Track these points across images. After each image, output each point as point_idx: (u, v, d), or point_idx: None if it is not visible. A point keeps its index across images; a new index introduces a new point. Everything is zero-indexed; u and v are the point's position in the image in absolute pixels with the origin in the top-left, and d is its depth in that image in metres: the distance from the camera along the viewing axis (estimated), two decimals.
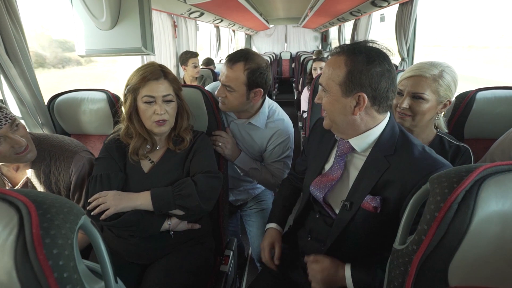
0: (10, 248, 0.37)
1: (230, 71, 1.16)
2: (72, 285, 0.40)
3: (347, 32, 5.93)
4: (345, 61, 0.76)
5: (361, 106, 0.76)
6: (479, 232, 0.45)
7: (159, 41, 2.98)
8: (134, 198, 0.96)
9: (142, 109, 0.97)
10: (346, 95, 0.76)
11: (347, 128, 0.81)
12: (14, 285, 0.37)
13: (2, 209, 0.40)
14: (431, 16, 4.01)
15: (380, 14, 3.38)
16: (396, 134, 0.80)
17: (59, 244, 0.40)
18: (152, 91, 0.95)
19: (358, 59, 0.74)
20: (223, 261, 1.26)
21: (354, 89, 0.75)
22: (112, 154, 1.02)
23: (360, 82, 0.74)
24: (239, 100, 1.20)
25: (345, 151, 0.85)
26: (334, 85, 0.78)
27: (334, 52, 0.80)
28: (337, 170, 0.87)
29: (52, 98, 1.47)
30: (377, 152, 0.80)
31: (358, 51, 0.75)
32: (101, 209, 0.91)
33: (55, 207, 0.42)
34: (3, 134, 0.86)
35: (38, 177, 1.00)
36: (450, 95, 0.98)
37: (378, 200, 0.76)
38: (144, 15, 1.44)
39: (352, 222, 0.81)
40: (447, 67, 0.98)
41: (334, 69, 0.77)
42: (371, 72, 0.73)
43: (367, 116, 0.79)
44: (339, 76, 0.76)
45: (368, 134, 0.80)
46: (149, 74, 0.95)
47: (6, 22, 1.19)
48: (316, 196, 0.91)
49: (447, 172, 0.50)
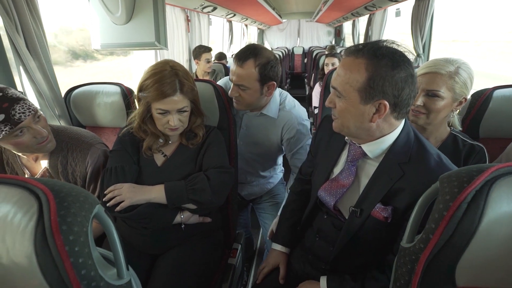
0: (30, 233, 0.40)
1: (241, 69, 1.15)
2: (87, 270, 0.42)
3: (361, 27, 5.81)
4: (366, 65, 0.69)
5: (381, 113, 0.71)
6: (488, 233, 0.44)
7: (172, 35, 3.01)
8: (148, 191, 0.98)
9: (155, 116, 0.98)
10: (365, 102, 0.70)
11: (361, 134, 0.77)
12: (34, 269, 0.40)
13: (23, 196, 0.42)
14: (453, 8, 3.81)
15: (395, 9, 3.29)
16: (411, 141, 0.76)
17: (75, 231, 0.42)
18: (166, 106, 0.95)
19: (381, 64, 0.68)
20: (231, 254, 1.28)
21: (375, 96, 0.69)
22: (126, 147, 1.04)
23: (382, 89, 0.68)
24: (254, 96, 1.19)
25: (357, 156, 0.82)
26: (351, 91, 0.71)
27: (351, 52, 0.72)
28: (348, 176, 0.83)
29: (68, 91, 1.52)
30: (390, 159, 0.76)
31: (380, 55, 0.68)
32: (116, 201, 0.93)
33: (72, 196, 0.44)
34: (26, 125, 0.90)
35: (55, 167, 1.04)
36: (466, 92, 0.96)
37: (390, 211, 0.73)
38: (158, 10, 1.46)
39: (362, 229, 0.79)
40: (463, 64, 0.95)
41: (352, 73, 0.70)
42: (396, 79, 0.67)
43: (384, 123, 0.74)
44: (358, 81, 0.70)
45: (383, 140, 0.76)
46: (167, 89, 0.92)
47: (27, 17, 1.23)
48: (326, 202, 0.89)
49: (457, 172, 0.49)
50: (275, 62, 1.19)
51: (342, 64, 0.74)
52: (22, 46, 1.24)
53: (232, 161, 1.28)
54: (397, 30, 4.54)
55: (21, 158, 1.05)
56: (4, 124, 0.85)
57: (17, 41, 1.22)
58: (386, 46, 0.71)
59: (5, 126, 0.85)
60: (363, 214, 0.78)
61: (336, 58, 2.70)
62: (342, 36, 7.97)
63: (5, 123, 0.85)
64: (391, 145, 0.76)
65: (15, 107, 0.87)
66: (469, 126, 1.23)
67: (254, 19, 6.15)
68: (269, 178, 1.55)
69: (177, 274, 0.98)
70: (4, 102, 0.85)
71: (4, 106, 0.85)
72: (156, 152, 1.06)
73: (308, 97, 4.05)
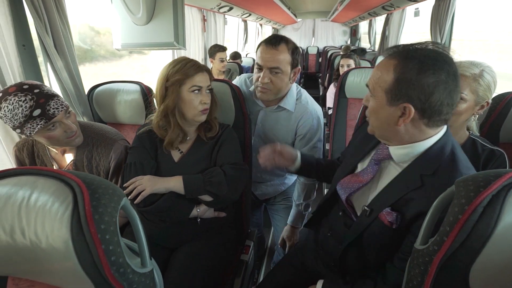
0: (67, 221, 0.43)
1: (276, 52, 1.15)
2: (116, 257, 0.46)
3: (378, 26, 5.72)
4: (395, 66, 0.68)
5: (406, 118, 0.69)
6: (504, 238, 0.45)
7: (189, 35, 3.07)
8: (167, 180, 1.02)
9: (188, 99, 1.02)
10: (391, 104, 0.70)
11: (390, 137, 0.76)
12: (70, 253, 0.43)
13: (59, 187, 0.46)
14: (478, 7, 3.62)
15: (414, 9, 3.23)
16: (444, 155, 0.71)
17: (106, 221, 0.45)
18: (200, 82, 1.02)
19: (409, 66, 0.66)
20: (244, 250, 1.31)
21: (400, 98, 0.68)
22: (144, 144, 1.09)
23: (407, 92, 0.66)
24: (283, 81, 1.20)
25: (382, 157, 0.80)
26: (380, 91, 0.71)
27: (388, 52, 0.72)
28: (368, 173, 0.83)
29: (91, 89, 1.58)
30: (414, 168, 0.73)
31: (411, 56, 0.66)
32: (138, 190, 0.98)
33: (102, 188, 0.48)
34: (59, 119, 0.97)
35: (81, 161, 1.10)
36: (489, 95, 0.94)
37: (395, 216, 0.72)
38: (178, 11, 1.50)
39: (368, 229, 0.79)
40: (487, 67, 0.94)
41: (382, 73, 0.70)
42: (422, 83, 0.65)
43: (413, 128, 0.71)
44: (386, 82, 0.69)
45: (412, 146, 0.73)
46: (193, 67, 1.02)
47: (55, 17, 1.30)
48: (340, 195, 0.90)
49: (474, 176, 0.49)
50: (298, 49, 1.23)
51: (378, 65, 0.74)
52: (50, 46, 1.31)
53: (247, 159, 1.31)
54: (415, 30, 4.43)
55: (50, 151, 1.11)
56: (40, 118, 0.92)
57: (47, 42, 1.29)
58: (422, 48, 0.68)
59: (41, 120, 0.92)
60: (372, 215, 0.78)
61: (352, 60, 2.66)
62: (358, 36, 7.86)
63: (40, 117, 0.92)
64: (421, 154, 0.73)
65: (49, 103, 0.93)
66: (489, 130, 1.20)
67: (269, 18, 6.16)
68: (284, 178, 1.56)
69: (191, 267, 1.01)
70: (41, 98, 0.92)
71: (40, 101, 0.91)
72: (173, 149, 1.10)
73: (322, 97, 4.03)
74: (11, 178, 0.48)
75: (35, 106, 0.90)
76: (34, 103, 0.90)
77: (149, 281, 0.54)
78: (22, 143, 1.12)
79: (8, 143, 1.25)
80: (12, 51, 1.20)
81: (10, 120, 0.89)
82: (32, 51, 1.33)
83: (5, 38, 1.17)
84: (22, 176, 0.48)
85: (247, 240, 1.36)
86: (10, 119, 0.89)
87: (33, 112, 0.90)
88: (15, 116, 0.88)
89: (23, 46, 1.28)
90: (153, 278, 0.56)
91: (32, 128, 0.92)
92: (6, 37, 1.17)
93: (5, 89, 0.90)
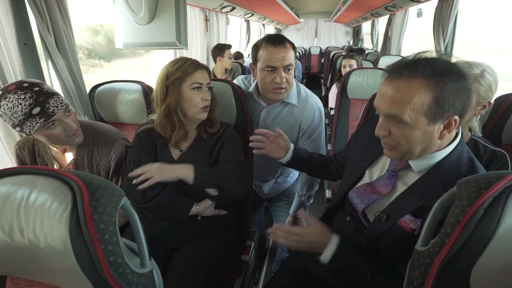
0: (66, 220, 0.43)
1: (286, 50, 1.17)
2: (115, 257, 0.46)
3: (380, 27, 5.70)
4: (428, 85, 0.64)
5: (451, 128, 0.67)
6: (506, 239, 0.44)
7: (191, 35, 3.07)
8: (177, 168, 1.01)
9: (189, 97, 1.03)
10: (434, 123, 0.66)
11: (418, 152, 0.71)
12: (68, 252, 0.43)
13: (59, 187, 0.46)
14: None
15: (417, 9, 3.21)
16: (463, 161, 0.71)
17: (105, 221, 0.45)
18: (200, 79, 1.03)
19: (447, 80, 0.63)
20: (245, 251, 1.30)
21: (444, 113, 0.65)
22: (144, 143, 1.09)
23: (453, 104, 0.64)
24: (292, 76, 1.23)
25: (400, 167, 0.79)
26: (418, 116, 0.66)
27: (401, 75, 0.66)
28: (386, 186, 0.81)
29: (93, 88, 1.58)
30: (435, 175, 0.72)
31: (442, 70, 0.64)
32: (145, 176, 0.97)
33: (101, 188, 0.48)
34: (58, 118, 0.96)
35: (82, 160, 1.10)
36: (491, 95, 0.94)
37: (419, 223, 0.71)
38: (180, 11, 1.50)
39: (384, 236, 0.77)
40: (488, 67, 0.94)
41: (414, 97, 0.65)
42: (463, 90, 0.64)
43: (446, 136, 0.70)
44: (424, 104, 0.64)
45: (433, 156, 0.72)
46: (194, 64, 1.03)
47: (57, 16, 1.30)
48: (355, 205, 0.87)
49: (476, 177, 0.49)
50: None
51: (396, 89, 0.67)
52: (52, 45, 1.31)
53: (248, 159, 1.30)
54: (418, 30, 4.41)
55: (51, 150, 1.11)
56: (39, 117, 0.92)
57: (48, 41, 1.30)
58: (434, 59, 0.66)
59: (40, 118, 0.92)
60: (388, 221, 0.76)
61: (354, 60, 2.65)
62: (360, 36, 7.84)
63: (40, 115, 0.92)
64: (440, 161, 0.72)
65: (49, 101, 0.93)
66: (491, 132, 1.19)
67: (272, 18, 6.16)
68: (286, 177, 1.55)
69: (192, 268, 1.01)
70: (41, 96, 0.92)
71: (40, 99, 0.91)
72: (176, 147, 1.10)
73: (324, 98, 4.02)
74: (11, 177, 0.48)
75: (34, 104, 0.90)
76: (34, 101, 0.90)
77: (148, 281, 0.54)
78: (23, 142, 1.13)
79: (9, 142, 1.25)
80: (14, 49, 1.20)
81: (10, 118, 0.89)
82: (33, 50, 1.34)
83: (7, 37, 1.17)
84: (22, 175, 0.48)
85: (248, 241, 1.36)
86: (9, 117, 0.89)
87: (33, 110, 0.90)
88: (14, 114, 0.89)
89: (25, 45, 1.28)
90: (152, 279, 0.56)
91: (32, 126, 0.92)
92: (7, 35, 1.17)
93: (5, 87, 0.91)
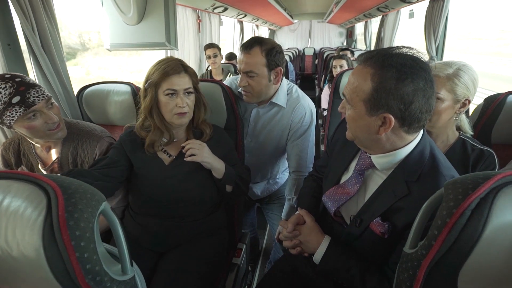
0: (39, 227, 0.41)
1: (249, 56, 1.18)
2: (92, 265, 0.44)
3: (373, 28, 5.74)
4: (372, 75, 0.66)
5: (387, 127, 0.68)
6: (492, 241, 0.44)
7: (183, 35, 3.04)
8: (216, 160, 1.05)
9: (163, 102, 1.00)
10: (370, 114, 0.68)
11: (371, 145, 0.75)
12: (41, 261, 0.41)
13: (34, 191, 0.44)
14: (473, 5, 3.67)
15: (409, 10, 3.24)
16: (425, 158, 0.72)
17: (81, 227, 0.43)
18: (174, 85, 0.98)
19: (387, 76, 0.64)
20: (236, 253, 1.29)
21: (380, 109, 0.67)
22: (124, 146, 1.06)
23: (387, 102, 0.65)
24: (262, 83, 1.21)
25: (366, 166, 0.80)
26: (358, 101, 0.69)
27: (362, 59, 0.70)
28: (354, 185, 0.82)
29: (81, 90, 1.55)
30: (398, 175, 0.73)
31: (388, 65, 0.65)
32: (190, 152, 1.00)
33: (79, 192, 0.46)
34: (39, 108, 0.95)
35: (66, 158, 1.08)
36: (469, 94, 0.95)
37: (387, 227, 0.72)
38: (169, 11, 1.48)
39: (360, 239, 0.78)
40: (463, 66, 0.95)
41: (359, 82, 0.69)
42: (401, 93, 0.64)
43: (394, 136, 0.71)
44: (364, 91, 0.67)
45: (394, 154, 0.73)
46: (170, 68, 0.98)
47: (42, 16, 1.28)
48: (328, 207, 0.88)
49: (463, 178, 0.48)
50: (280, 48, 1.23)
51: (353, 71, 0.72)
52: (37, 45, 1.28)
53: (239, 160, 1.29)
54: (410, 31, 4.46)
55: (35, 149, 1.10)
56: (19, 106, 0.90)
57: (33, 41, 1.27)
58: (397, 54, 0.67)
59: (20, 108, 0.91)
60: (362, 225, 0.77)
61: (344, 60, 2.68)
62: (354, 37, 7.89)
63: (19, 105, 0.90)
64: (402, 160, 0.73)
65: (30, 91, 0.92)
66: (481, 132, 1.20)
67: (265, 19, 6.16)
68: (276, 178, 1.55)
69: (181, 272, 0.99)
70: (21, 86, 0.91)
71: (20, 89, 0.91)
72: (159, 151, 1.07)
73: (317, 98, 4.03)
74: None
75: (14, 93, 0.89)
76: (14, 90, 0.89)
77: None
78: (9, 142, 1.12)
79: None
80: None
81: None
82: (18, 50, 1.30)
83: None
84: None
85: (239, 243, 1.35)
86: None
87: (12, 99, 0.89)
88: None
89: (8, 45, 1.25)
90: (134, 285, 0.54)
91: (12, 116, 0.90)
92: None
93: None
